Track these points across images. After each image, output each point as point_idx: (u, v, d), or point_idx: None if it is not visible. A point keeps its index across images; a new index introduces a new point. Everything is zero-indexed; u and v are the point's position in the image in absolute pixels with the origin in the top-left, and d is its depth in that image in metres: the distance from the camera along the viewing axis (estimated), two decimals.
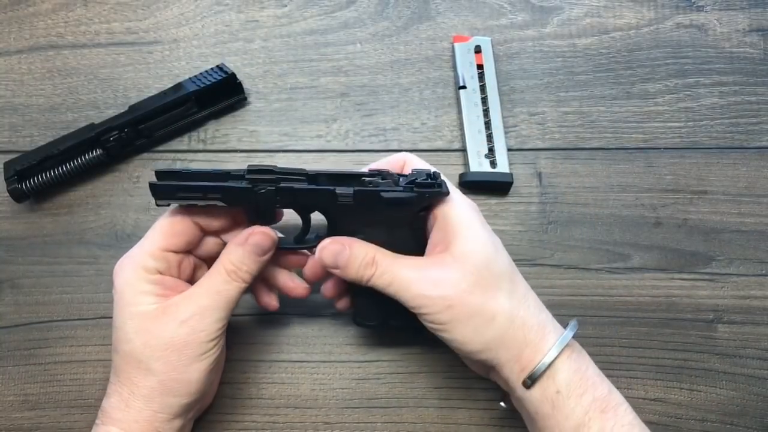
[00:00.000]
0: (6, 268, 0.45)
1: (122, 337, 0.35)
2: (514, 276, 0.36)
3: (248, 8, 0.52)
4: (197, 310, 0.35)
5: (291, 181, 0.36)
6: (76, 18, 0.51)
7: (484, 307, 0.35)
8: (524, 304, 0.35)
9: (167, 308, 0.35)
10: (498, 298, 0.35)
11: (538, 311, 0.36)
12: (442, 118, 0.49)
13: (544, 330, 0.35)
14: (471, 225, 0.36)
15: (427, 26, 0.52)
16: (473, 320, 0.35)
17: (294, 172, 0.36)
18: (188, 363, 0.35)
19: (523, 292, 0.36)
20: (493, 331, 0.35)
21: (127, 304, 0.35)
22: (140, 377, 0.35)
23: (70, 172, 0.45)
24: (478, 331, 0.35)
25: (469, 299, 0.34)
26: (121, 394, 0.35)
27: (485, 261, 0.35)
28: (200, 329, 0.35)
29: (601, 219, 0.47)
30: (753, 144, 0.49)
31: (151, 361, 0.34)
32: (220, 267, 0.36)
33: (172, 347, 0.34)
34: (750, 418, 0.43)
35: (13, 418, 0.43)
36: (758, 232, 0.47)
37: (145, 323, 0.35)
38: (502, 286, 0.35)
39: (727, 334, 0.45)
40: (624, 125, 0.49)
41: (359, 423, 0.43)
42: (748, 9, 0.52)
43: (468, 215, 0.36)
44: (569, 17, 0.52)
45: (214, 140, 0.48)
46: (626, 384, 0.44)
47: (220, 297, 0.35)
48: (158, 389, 0.35)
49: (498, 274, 0.35)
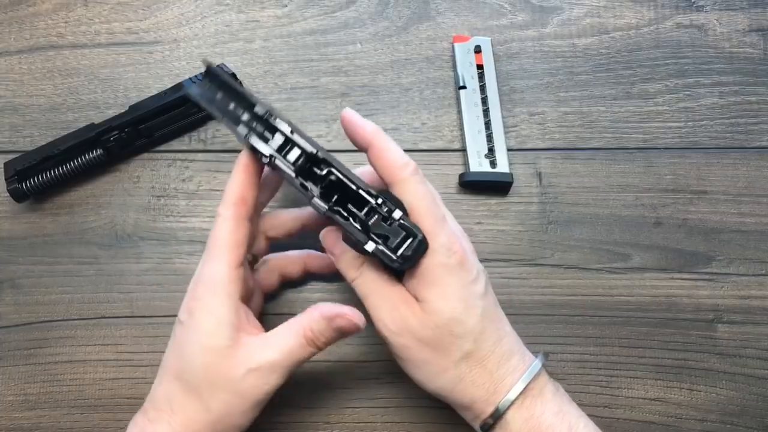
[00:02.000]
0: (6, 268, 0.46)
1: (188, 368, 0.34)
2: (481, 336, 0.35)
3: (248, 8, 0.52)
4: (268, 364, 0.34)
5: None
6: (76, 18, 0.51)
7: (437, 361, 0.35)
8: (482, 363, 0.35)
9: (239, 350, 0.34)
10: (452, 356, 0.35)
11: (497, 366, 0.35)
12: (442, 118, 0.49)
13: (497, 385, 0.35)
14: (443, 281, 0.34)
15: (427, 26, 0.52)
16: (426, 367, 0.35)
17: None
18: (245, 411, 0.35)
19: (486, 351, 0.35)
20: (443, 382, 0.35)
21: (204, 335, 0.34)
22: (197, 413, 0.34)
23: (70, 172, 0.45)
24: (429, 377, 0.36)
25: (423, 349, 0.35)
26: (172, 425, 0.34)
27: (447, 323, 0.34)
28: (264, 383, 0.34)
29: (601, 219, 0.47)
30: (753, 144, 0.49)
31: (213, 401, 0.34)
32: (300, 330, 0.35)
33: (234, 392, 0.34)
34: (750, 418, 0.43)
35: (13, 418, 0.43)
36: (758, 232, 0.47)
37: (216, 360, 0.34)
38: (461, 346, 0.35)
39: (727, 334, 0.45)
40: (624, 125, 0.49)
41: (359, 423, 0.43)
42: (748, 9, 0.52)
43: (445, 268, 0.34)
44: (569, 17, 0.52)
45: (214, 140, 0.49)
46: (626, 384, 0.44)
47: (292, 358, 0.35)
48: (211, 428, 0.34)
49: (459, 335, 0.35)
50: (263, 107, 0.33)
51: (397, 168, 0.34)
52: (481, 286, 0.36)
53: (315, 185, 0.34)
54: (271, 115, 0.33)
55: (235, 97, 0.34)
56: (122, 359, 0.44)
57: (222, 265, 0.35)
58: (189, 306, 0.35)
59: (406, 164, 0.35)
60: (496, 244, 0.46)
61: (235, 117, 0.34)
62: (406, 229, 0.33)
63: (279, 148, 0.33)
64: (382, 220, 0.33)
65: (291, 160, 0.33)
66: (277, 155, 0.33)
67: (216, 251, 0.35)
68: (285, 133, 0.33)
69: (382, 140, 0.35)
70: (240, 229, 0.35)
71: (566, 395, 0.37)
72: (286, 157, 0.33)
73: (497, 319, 0.37)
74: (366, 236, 0.33)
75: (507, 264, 0.46)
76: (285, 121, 0.33)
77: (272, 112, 0.33)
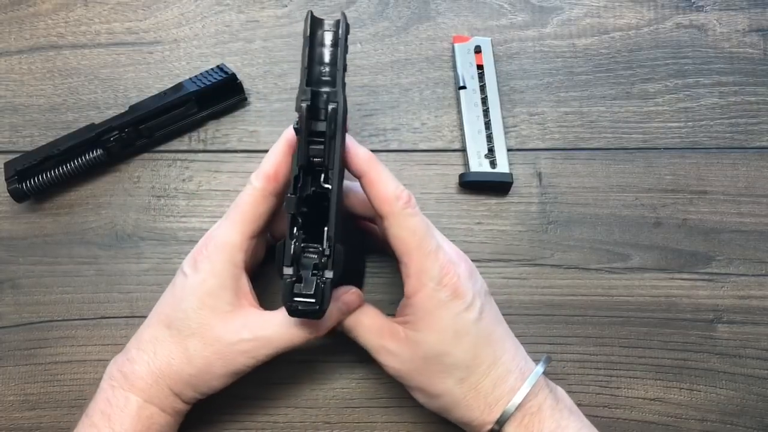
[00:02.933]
0: (6, 268, 0.46)
1: (184, 319, 0.35)
2: (474, 361, 0.35)
3: (248, 8, 0.52)
4: (260, 339, 0.35)
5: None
6: (76, 18, 0.51)
7: (429, 387, 0.36)
8: (475, 387, 0.35)
9: (236, 317, 0.35)
10: (444, 383, 0.35)
11: (492, 388, 0.35)
12: (442, 119, 0.49)
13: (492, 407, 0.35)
14: (432, 314, 0.35)
15: (427, 26, 0.52)
16: (421, 392, 0.36)
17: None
18: (223, 374, 0.35)
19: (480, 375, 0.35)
20: (439, 404, 0.36)
21: (206, 293, 0.35)
22: (179, 362, 0.35)
23: (70, 172, 0.45)
24: (426, 400, 0.37)
25: (415, 377, 0.36)
26: (151, 366, 0.35)
27: (436, 353, 0.35)
28: (252, 356, 0.35)
29: (601, 219, 0.47)
30: (753, 144, 0.49)
31: (197, 356, 0.35)
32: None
33: (220, 354, 0.35)
34: (750, 418, 0.43)
35: (13, 418, 0.43)
36: (758, 232, 0.47)
37: (212, 320, 0.35)
38: (452, 374, 0.35)
39: (727, 334, 0.45)
40: (624, 125, 0.49)
41: (359, 423, 0.43)
42: (747, 9, 0.52)
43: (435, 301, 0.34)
44: (569, 17, 0.52)
45: (214, 140, 0.49)
46: (626, 384, 0.44)
47: (287, 338, 0.35)
48: (187, 379, 0.35)
49: (449, 365, 0.35)
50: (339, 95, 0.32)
51: (389, 202, 0.34)
52: (474, 313, 0.35)
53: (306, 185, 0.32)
54: (336, 111, 0.31)
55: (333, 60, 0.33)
56: None
57: (237, 233, 0.35)
58: (196, 259, 0.36)
59: (398, 197, 0.34)
60: (496, 244, 0.46)
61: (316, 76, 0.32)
62: (317, 293, 0.32)
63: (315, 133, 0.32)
64: (313, 266, 0.32)
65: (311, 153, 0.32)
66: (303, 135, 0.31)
67: (237, 217, 0.35)
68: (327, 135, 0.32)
69: (376, 170, 0.34)
70: (265, 203, 0.35)
71: (567, 407, 0.37)
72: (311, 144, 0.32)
73: (494, 339, 0.36)
74: (291, 262, 0.32)
75: (507, 264, 0.46)
76: (340, 123, 0.32)
77: (339, 108, 0.31)
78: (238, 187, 0.47)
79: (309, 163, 0.32)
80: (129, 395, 0.35)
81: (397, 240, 0.35)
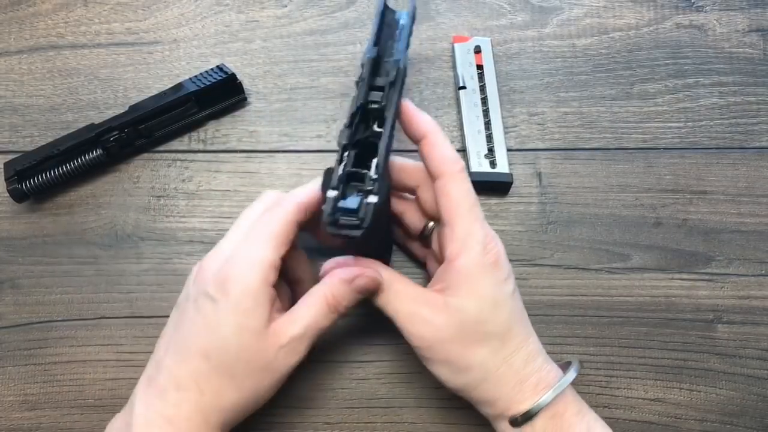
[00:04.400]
0: (6, 268, 0.46)
1: (223, 347, 0.34)
2: (508, 334, 0.35)
3: (248, 8, 0.52)
4: (296, 339, 0.34)
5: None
6: (76, 18, 0.51)
7: (460, 358, 0.35)
8: (508, 361, 0.35)
9: (270, 329, 0.34)
10: (477, 354, 0.35)
11: (524, 364, 0.35)
12: (441, 119, 0.49)
13: (523, 383, 0.35)
14: (475, 278, 0.35)
15: (426, 26, 0.52)
16: (448, 365, 0.35)
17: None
18: (273, 385, 0.35)
19: (513, 348, 0.35)
20: (467, 379, 0.35)
21: (243, 316, 0.33)
22: (229, 391, 0.34)
23: (70, 172, 0.45)
24: (452, 375, 0.36)
25: (447, 347, 0.35)
26: (200, 404, 0.34)
27: (475, 320, 0.35)
28: (293, 357, 0.35)
29: (600, 219, 0.47)
30: (753, 144, 0.49)
31: (246, 380, 0.34)
32: (322, 298, 0.35)
33: (267, 370, 0.34)
34: (750, 418, 0.43)
35: (13, 418, 0.43)
36: (758, 233, 0.47)
37: (252, 340, 0.34)
38: (487, 343, 0.35)
39: (727, 334, 0.45)
40: (624, 125, 0.49)
41: (359, 423, 0.43)
42: (747, 9, 0.52)
43: (480, 266, 0.35)
44: (569, 17, 0.52)
45: (214, 140, 0.49)
46: (626, 384, 0.44)
47: (317, 327, 0.35)
48: (241, 405, 0.35)
49: (486, 333, 0.35)
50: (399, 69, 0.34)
51: (448, 163, 0.35)
52: (511, 286, 0.36)
53: (360, 125, 0.33)
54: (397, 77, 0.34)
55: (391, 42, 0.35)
56: (122, 359, 0.44)
57: (271, 252, 0.34)
58: (223, 283, 0.34)
59: (456, 161, 0.36)
60: None
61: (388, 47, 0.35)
62: (360, 208, 0.31)
63: (374, 87, 0.33)
64: (357, 189, 0.33)
65: (371, 98, 0.33)
66: (365, 83, 0.33)
67: (268, 237, 0.34)
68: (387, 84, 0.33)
69: (438, 134, 0.36)
70: (293, 229, 0.35)
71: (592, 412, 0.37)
72: (372, 90, 0.33)
73: (524, 319, 0.37)
74: (338, 185, 0.32)
75: None
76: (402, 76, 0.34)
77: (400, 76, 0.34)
78: (238, 187, 0.47)
79: (365, 106, 0.33)
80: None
81: (450, 200, 0.35)
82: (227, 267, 0.34)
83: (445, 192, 0.35)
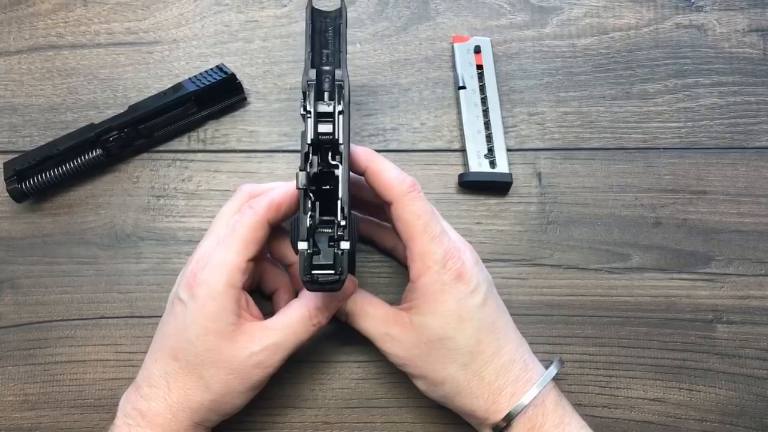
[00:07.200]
0: (6, 268, 0.46)
1: (190, 349, 0.35)
2: (477, 347, 0.35)
3: (248, 8, 0.52)
4: (269, 346, 0.35)
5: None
6: (75, 18, 0.51)
7: (433, 373, 0.36)
8: (479, 374, 0.35)
9: (241, 335, 0.35)
10: (446, 369, 0.35)
11: (496, 376, 0.35)
12: (441, 118, 0.49)
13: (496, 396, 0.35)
14: (436, 296, 0.35)
15: (426, 26, 0.52)
16: (423, 379, 0.37)
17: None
18: (245, 391, 0.35)
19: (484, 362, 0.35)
20: (443, 392, 0.36)
21: (207, 318, 0.34)
22: (196, 391, 0.35)
23: (69, 172, 0.45)
24: (429, 388, 0.37)
25: (418, 363, 0.36)
26: (168, 401, 0.35)
27: (440, 337, 0.35)
28: (266, 365, 0.35)
29: (600, 219, 0.47)
30: (753, 144, 0.49)
31: (213, 381, 0.35)
32: (304, 309, 0.36)
33: (236, 374, 0.35)
34: (749, 418, 0.43)
35: (13, 418, 0.43)
36: (758, 232, 0.47)
37: (219, 343, 0.34)
38: (455, 359, 0.35)
39: (727, 334, 0.45)
40: (623, 125, 0.49)
41: (359, 423, 0.43)
42: (747, 9, 0.52)
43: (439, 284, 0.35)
44: (569, 17, 0.52)
45: (213, 140, 0.49)
46: (626, 384, 0.44)
47: (295, 338, 0.35)
48: (208, 406, 0.35)
49: (452, 350, 0.35)
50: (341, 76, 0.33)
51: (393, 187, 0.35)
52: (478, 298, 0.36)
53: (315, 164, 0.33)
54: (342, 86, 0.32)
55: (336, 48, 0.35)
56: (122, 359, 0.44)
57: (236, 255, 0.35)
58: (191, 285, 0.35)
59: (402, 181, 0.35)
60: (495, 244, 0.46)
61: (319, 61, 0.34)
62: (336, 263, 0.32)
63: (323, 114, 0.32)
64: (329, 238, 0.33)
65: (319, 130, 0.32)
66: (312, 116, 0.32)
67: (235, 240, 0.35)
68: (335, 111, 0.32)
69: (376, 161, 0.35)
70: (263, 229, 0.36)
71: (569, 405, 0.37)
72: (318, 126, 0.32)
73: (498, 328, 0.37)
74: (307, 236, 0.32)
75: (506, 264, 0.46)
76: (346, 99, 0.33)
77: (344, 85, 0.33)
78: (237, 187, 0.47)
79: (317, 140, 0.32)
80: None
81: (403, 223, 0.35)
82: (195, 270, 0.35)
83: (396, 217, 0.36)
